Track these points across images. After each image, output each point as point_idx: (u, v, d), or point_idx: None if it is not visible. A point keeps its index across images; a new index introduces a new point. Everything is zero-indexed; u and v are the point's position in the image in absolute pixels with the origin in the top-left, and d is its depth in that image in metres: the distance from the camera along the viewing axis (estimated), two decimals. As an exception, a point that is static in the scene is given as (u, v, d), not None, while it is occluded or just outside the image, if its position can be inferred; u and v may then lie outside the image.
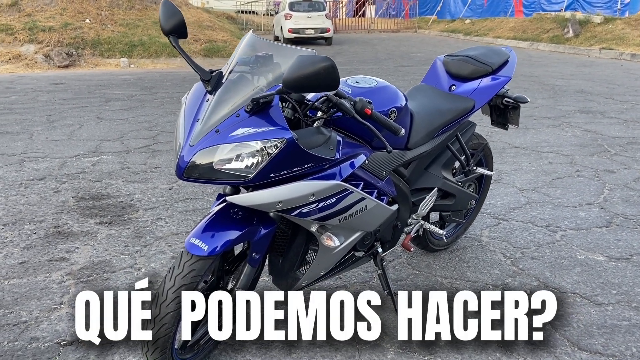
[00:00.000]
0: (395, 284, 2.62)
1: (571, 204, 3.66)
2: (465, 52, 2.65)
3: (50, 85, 8.97)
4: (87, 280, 2.65)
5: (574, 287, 2.58)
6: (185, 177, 1.64)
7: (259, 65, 1.84)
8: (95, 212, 3.52)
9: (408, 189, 2.32)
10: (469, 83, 2.54)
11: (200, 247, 1.67)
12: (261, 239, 1.81)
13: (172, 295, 1.64)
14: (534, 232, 3.21)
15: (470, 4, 23.06)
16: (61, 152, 4.95)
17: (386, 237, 2.31)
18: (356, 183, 1.94)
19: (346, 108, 1.71)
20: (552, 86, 8.75)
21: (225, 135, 1.62)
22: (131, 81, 9.61)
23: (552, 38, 15.96)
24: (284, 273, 2.09)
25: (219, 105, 1.68)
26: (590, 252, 2.95)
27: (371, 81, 2.10)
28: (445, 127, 2.40)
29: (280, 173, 1.65)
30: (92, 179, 4.20)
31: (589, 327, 2.27)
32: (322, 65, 1.46)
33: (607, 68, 11.23)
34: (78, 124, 6.12)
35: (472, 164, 2.70)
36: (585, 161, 4.66)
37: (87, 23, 12.99)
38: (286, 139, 1.60)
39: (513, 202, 3.70)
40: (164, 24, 1.77)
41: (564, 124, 6.12)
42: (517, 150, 5.03)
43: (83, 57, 12.00)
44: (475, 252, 2.96)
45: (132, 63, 12.06)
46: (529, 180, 4.18)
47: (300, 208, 1.74)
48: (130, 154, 4.89)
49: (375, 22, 25.40)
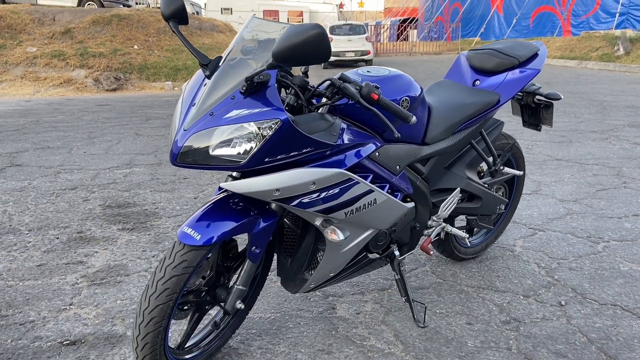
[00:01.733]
0: (417, 292, 2.45)
1: (616, 215, 3.39)
2: (490, 45, 2.50)
3: (96, 107, 9.27)
4: (100, 283, 2.61)
5: (614, 299, 2.34)
6: (179, 163, 1.56)
7: (261, 50, 1.76)
8: (119, 219, 3.52)
9: (427, 188, 2.17)
10: (494, 77, 2.39)
11: (193, 236, 1.58)
12: (261, 231, 1.70)
13: (162, 287, 1.55)
14: (573, 243, 2.97)
15: (515, 24, 22.67)
16: (96, 164, 5.03)
17: (403, 238, 2.16)
18: (365, 175, 1.82)
19: (351, 92, 1.61)
20: (601, 102, 8.36)
21: (219, 118, 1.54)
22: (173, 102, 9.82)
23: (602, 56, 15.40)
24: (293, 274, 1.97)
25: (215, 88, 1.61)
26: (635, 263, 2.69)
27: (384, 70, 1.99)
28: (467, 122, 2.24)
29: (276, 157, 1.55)
30: (121, 188, 4.23)
31: (629, 340, 2.03)
32: (311, 33, 1.36)
33: (661, 84, 10.67)
34: (117, 139, 6.25)
35: (499, 164, 2.52)
36: (633, 173, 4.35)
37: (135, 49, 13.49)
38: (281, 120, 1.50)
39: (551, 213, 3.46)
40: (164, 9, 1.73)
41: (612, 137, 5.78)
42: (558, 163, 4.76)
43: (130, 81, 12.42)
44: (506, 262, 2.75)
45: (175, 86, 12.38)
46: (571, 191, 3.92)
47: (301, 197, 1.63)
48: (161, 167, 4.92)
49: (417, 45, 25.32)
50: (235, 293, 1.79)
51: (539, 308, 2.29)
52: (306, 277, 1.95)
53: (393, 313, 2.27)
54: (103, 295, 2.49)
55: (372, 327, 2.17)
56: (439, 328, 2.15)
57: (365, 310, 2.30)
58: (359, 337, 2.10)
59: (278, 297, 2.42)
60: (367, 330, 2.14)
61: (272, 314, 2.28)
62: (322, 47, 1.38)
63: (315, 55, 1.40)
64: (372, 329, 2.15)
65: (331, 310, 2.30)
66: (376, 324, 2.19)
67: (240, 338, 2.10)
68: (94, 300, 2.43)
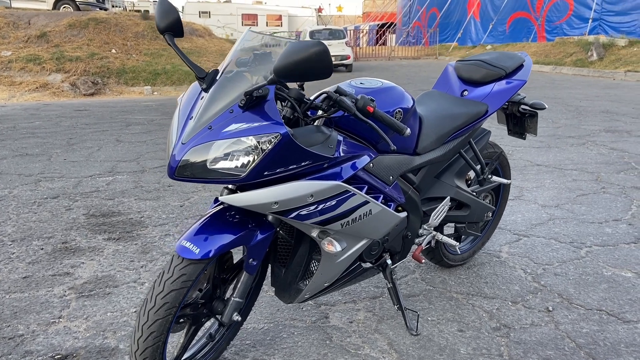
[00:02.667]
0: (407, 300, 2.48)
1: (597, 220, 3.48)
2: (477, 56, 2.55)
3: (74, 112, 9.13)
4: (88, 295, 2.58)
5: (600, 304, 2.40)
6: (177, 177, 1.56)
7: (257, 64, 1.77)
8: (104, 229, 3.48)
9: (418, 197, 2.21)
10: (482, 88, 2.44)
11: (192, 250, 1.58)
12: (258, 244, 1.71)
13: (161, 302, 1.55)
14: (557, 249, 3.04)
15: (492, 30, 23.04)
16: (77, 172, 4.96)
17: (395, 247, 2.18)
18: (360, 186, 1.84)
19: (347, 105, 1.63)
20: (577, 107, 8.55)
21: (218, 132, 1.54)
22: (153, 107, 9.73)
23: (576, 62, 15.76)
24: (287, 285, 1.98)
25: (213, 102, 1.61)
26: (618, 268, 2.77)
27: (376, 82, 2.02)
28: (457, 133, 2.29)
29: (275, 171, 1.56)
30: (105, 197, 4.18)
31: (616, 345, 2.09)
32: (314, 50, 1.38)
33: (634, 90, 10.97)
34: (97, 146, 6.16)
35: (487, 173, 2.58)
36: (611, 178, 4.47)
37: (113, 53, 13.33)
38: (280, 134, 1.51)
39: (534, 219, 3.53)
40: (159, 22, 1.72)
41: (589, 142, 5.93)
42: (539, 168, 4.86)
43: (108, 86, 12.26)
44: (493, 268, 2.80)
45: (155, 90, 12.27)
46: (552, 196, 4.00)
47: (299, 210, 1.64)
48: (145, 174, 4.87)
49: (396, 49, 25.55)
50: (232, 305, 1.79)
51: (527, 314, 2.34)
52: (301, 287, 1.97)
53: (386, 321, 2.29)
54: (92, 307, 2.46)
55: (366, 335, 2.19)
56: (431, 336, 2.18)
57: (358, 319, 2.31)
58: (353, 346, 2.12)
59: (270, 306, 2.42)
60: (361, 339, 2.16)
61: (265, 324, 2.28)
62: (324, 64, 1.40)
63: (317, 72, 1.41)
64: (365, 337, 2.17)
65: (324, 320, 2.31)
66: (369, 333, 2.21)
67: (234, 349, 2.10)
68: (83, 313, 2.40)
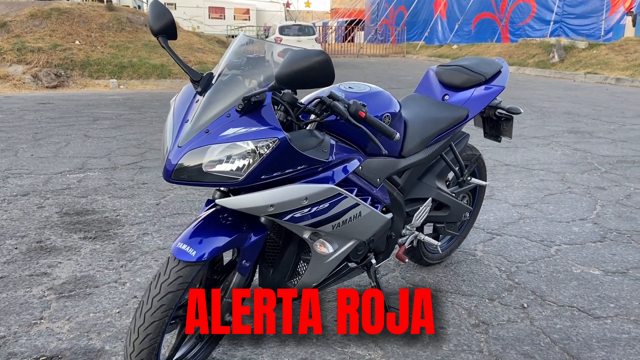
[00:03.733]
0: (389, 298, 2.54)
1: (564, 219, 3.63)
2: (458, 62, 2.63)
3: (37, 105, 8.87)
4: (69, 295, 2.54)
5: (571, 301, 2.52)
6: (173, 180, 1.57)
7: (250, 67, 1.79)
8: (79, 227, 3.42)
9: (402, 198, 2.27)
10: (462, 92, 2.52)
11: (188, 252, 1.59)
12: (252, 245, 1.74)
13: (158, 304, 1.55)
14: (529, 247, 3.16)
15: (458, 30, 23.47)
16: (46, 168, 4.84)
17: (380, 247, 2.24)
18: (350, 189, 1.89)
19: (340, 110, 1.67)
20: (540, 108, 8.83)
21: (215, 136, 1.56)
22: (120, 101, 9.55)
23: (538, 63, 16.23)
24: (275, 285, 2.01)
25: (209, 105, 1.63)
26: (586, 266, 2.91)
27: (364, 87, 2.07)
28: (439, 136, 2.36)
29: (272, 175, 1.59)
30: (77, 194, 4.10)
31: (588, 340, 2.20)
32: (316, 59, 1.41)
33: (593, 91, 11.39)
34: (65, 141, 6.02)
35: (467, 175, 2.66)
36: (576, 178, 4.66)
37: (77, 44, 12.98)
38: (279, 139, 1.54)
39: (506, 218, 3.66)
40: (152, 24, 1.72)
41: (553, 143, 6.14)
42: (507, 168, 5.02)
43: (72, 78, 11.95)
44: (470, 266, 2.90)
45: (121, 84, 12.02)
46: (521, 196, 4.15)
47: (293, 212, 1.68)
48: (117, 171, 4.80)
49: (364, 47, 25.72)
50: (224, 306, 1.81)
51: (504, 311, 2.43)
52: (289, 287, 2.00)
53: (369, 319, 2.35)
54: (74, 308, 2.43)
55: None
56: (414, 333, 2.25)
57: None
58: (340, 344, 2.16)
59: (255, 306, 2.44)
60: (347, 337, 2.21)
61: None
62: (327, 73, 1.44)
63: (319, 80, 1.45)
64: (352, 335, 2.22)
65: (310, 318, 2.35)
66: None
67: (222, 349, 2.12)
68: (65, 314, 2.37)
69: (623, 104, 9.41)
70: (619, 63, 14.01)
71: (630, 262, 2.94)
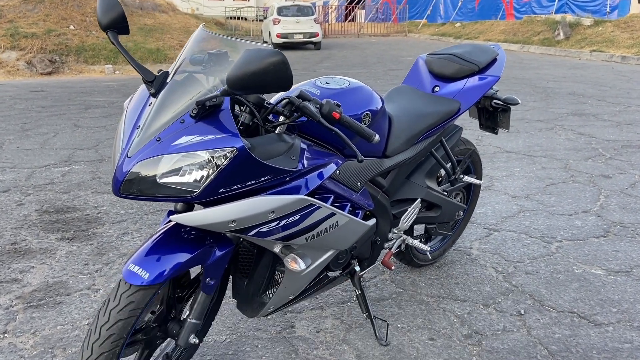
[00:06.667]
0: (376, 305, 2.39)
1: (566, 212, 3.45)
2: (449, 49, 2.43)
3: (30, 93, 8.69)
4: (37, 305, 2.40)
5: (571, 306, 2.36)
6: (122, 194, 1.40)
7: (211, 64, 1.61)
8: (57, 227, 3.28)
9: (387, 201, 2.10)
10: (454, 83, 2.33)
11: (140, 275, 1.43)
12: (216, 262, 1.58)
13: (107, 334, 1.40)
14: (528, 244, 2.99)
15: (461, 7, 22.96)
16: (31, 161, 4.69)
17: (364, 254, 2.08)
18: (325, 197, 1.72)
19: (311, 112, 1.49)
20: (544, 88, 8.58)
21: (167, 145, 1.39)
22: (114, 88, 9.36)
23: (543, 41, 15.84)
24: (249, 297, 1.85)
25: (162, 109, 1.45)
26: (588, 265, 2.74)
27: (343, 82, 1.88)
28: (428, 132, 2.18)
29: (231, 188, 1.42)
30: (59, 190, 3.95)
31: (588, 352, 2.04)
32: (270, 60, 1.23)
33: (599, 70, 11.09)
34: (53, 132, 5.86)
35: (459, 172, 2.48)
36: (579, 166, 4.46)
37: (71, 29, 12.74)
38: (236, 148, 1.37)
39: (505, 211, 3.48)
40: (101, 17, 1.54)
41: (557, 127, 5.93)
42: (508, 155, 4.82)
43: (67, 64, 11.74)
44: (464, 267, 2.74)
45: (117, 69, 11.81)
46: (522, 186, 3.96)
47: (259, 227, 1.51)
48: (103, 163, 4.64)
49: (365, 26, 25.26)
50: (189, 327, 1.66)
51: (499, 319, 2.28)
52: (264, 300, 1.85)
53: (354, 330, 2.20)
54: (41, 320, 2.29)
55: (333, 347, 2.09)
56: (401, 346, 2.09)
57: (325, 328, 2.21)
58: (320, 359, 2.02)
59: (233, 315, 2.30)
60: (328, 352, 2.06)
61: (227, 336, 2.16)
62: (283, 76, 1.25)
63: (275, 84, 1.26)
64: (333, 349, 2.07)
65: (290, 329, 2.20)
66: (337, 344, 2.11)
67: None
68: (31, 327, 2.23)
69: (629, 83, 9.13)
70: (624, 40, 13.64)
71: (634, 260, 2.77)
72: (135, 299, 1.43)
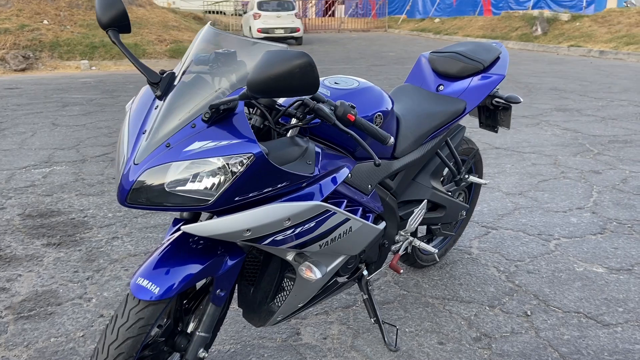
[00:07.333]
0: (382, 308, 2.34)
1: (561, 208, 3.45)
2: (453, 47, 2.38)
3: (4, 90, 8.41)
4: (28, 315, 2.29)
5: (577, 306, 2.35)
6: (130, 203, 1.32)
7: (219, 64, 1.53)
8: (43, 232, 3.14)
9: (395, 203, 2.04)
10: (459, 82, 2.28)
11: (150, 289, 1.35)
12: (227, 272, 1.50)
13: (116, 352, 1.32)
14: (526, 242, 2.98)
15: (439, 3, 23.05)
16: (10, 163, 4.52)
17: (372, 258, 2.02)
18: (339, 201, 1.66)
19: (326, 114, 1.42)
20: (526, 84, 8.64)
21: (178, 151, 1.30)
22: (91, 84, 9.12)
23: (521, 36, 15.99)
24: (257, 306, 1.78)
25: (170, 113, 1.37)
26: (589, 263, 2.73)
27: (352, 82, 1.81)
28: (435, 132, 2.13)
29: (247, 195, 1.34)
30: (42, 192, 3.80)
31: (599, 353, 2.02)
32: (297, 63, 1.15)
33: (577, 65, 11.23)
34: (31, 131, 5.67)
35: (464, 172, 2.44)
36: (569, 162, 4.48)
37: (45, 24, 12.39)
38: (254, 154, 1.29)
39: (500, 208, 3.46)
40: (100, 15, 1.45)
41: (542, 122, 5.96)
42: (498, 152, 4.82)
43: (41, 60, 11.41)
44: (466, 267, 2.70)
45: (93, 65, 11.52)
46: (514, 183, 3.96)
47: (274, 235, 1.44)
48: (86, 164, 4.49)
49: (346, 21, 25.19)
50: (197, 341, 1.58)
51: (506, 320, 2.25)
52: (273, 308, 1.78)
53: (361, 335, 2.15)
54: (33, 331, 2.18)
55: (342, 354, 2.03)
56: (411, 351, 2.05)
57: (332, 334, 2.15)
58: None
59: (236, 323, 2.22)
60: (337, 359, 2.00)
61: (231, 346, 2.08)
62: (310, 79, 1.18)
63: (301, 87, 1.19)
64: (342, 356, 2.02)
65: (296, 337, 2.14)
66: (345, 350, 2.05)
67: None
68: (23, 339, 2.12)
69: (609, 78, 9.26)
70: (602, 35, 13.85)
71: (634, 257, 2.77)
72: (145, 315, 1.35)
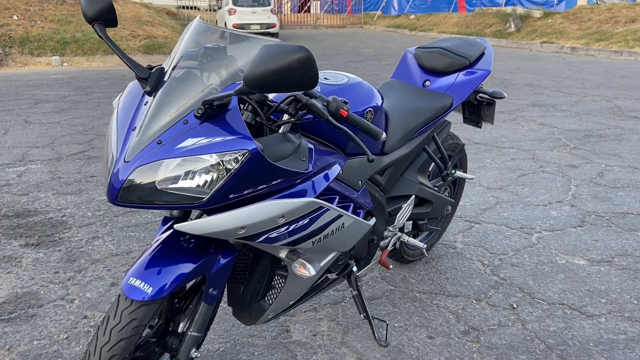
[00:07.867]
0: (371, 303, 2.34)
1: (541, 202, 3.51)
2: (438, 43, 2.39)
3: (-28, 87, 8.17)
4: (8, 318, 2.23)
5: (561, 298, 2.39)
6: (120, 202, 1.28)
7: (209, 59, 1.50)
8: (20, 232, 3.06)
9: (384, 199, 2.04)
10: (445, 78, 2.29)
11: (143, 289, 1.32)
12: (220, 270, 1.48)
13: (108, 354, 1.28)
14: (509, 235, 3.01)
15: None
16: (-18, 162, 4.39)
17: (361, 254, 2.02)
18: (331, 197, 1.64)
19: (319, 110, 1.41)
20: (502, 80, 8.76)
21: (170, 148, 1.28)
22: (64, 81, 8.91)
23: (495, 33, 16.20)
24: (247, 304, 1.76)
25: (161, 109, 1.34)
26: (570, 255, 2.78)
27: (342, 77, 1.80)
28: (423, 128, 2.13)
29: (242, 193, 1.32)
30: (17, 192, 3.70)
31: (585, 344, 2.06)
32: (296, 57, 1.13)
33: (550, 61, 11.43)
34: (3, 129, 5.51)
35: (450, 167, 2.46)
36: (546, 156, 4.56)
37: (15, 20, 12.06)
38: (249, 151, 1.27)
39: (482, 203, 3.50)
40: (85, 9, 1.40)
41: (519, 117, 6.05)
42: (477, 147, 4.87)
43: (10, 56, 11.10)
44: (451, 261, 2.72)
45: (64, 61, 11.26)
46: (495, 177, 4.01)
47: (268, 233, 1.42)
48: (62, 162, 4.39)
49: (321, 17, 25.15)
50: (190, 341, 1.55)
51: (493, 313, 2.27)
52: (264, 306, 1.76)
53: (351, 331, 2.14)
54: (15, 335, 2.12)
55: (333, 350, 2.03)
56: (401, 346, 2.05)
57: (321, 331, 2.15)
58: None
59: (225, 321, 2.19)
60: (328, 356, 1.99)
61: (220, 345, 2.06)
62: (309, 73, 1.16)
63: (300, 82, 1.17)
64: (332, 353, 2.01)
65: (285, 334, 2.12)
66: (336, 347, 2.05)
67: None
68: (5, 343, 2.06)
69: (581, 74, 9.45)
70: (573, 32, 14.12)
71: (613, 249, 2.84)
72: (138, 315, 1.32)
